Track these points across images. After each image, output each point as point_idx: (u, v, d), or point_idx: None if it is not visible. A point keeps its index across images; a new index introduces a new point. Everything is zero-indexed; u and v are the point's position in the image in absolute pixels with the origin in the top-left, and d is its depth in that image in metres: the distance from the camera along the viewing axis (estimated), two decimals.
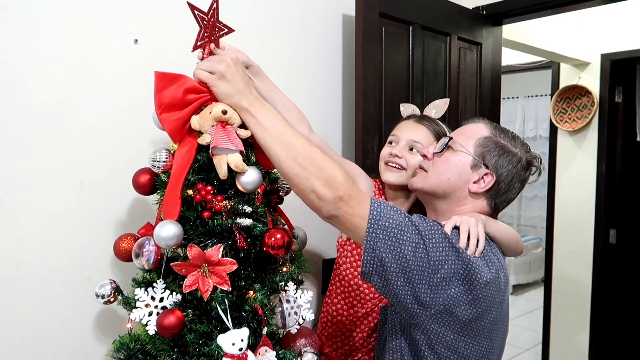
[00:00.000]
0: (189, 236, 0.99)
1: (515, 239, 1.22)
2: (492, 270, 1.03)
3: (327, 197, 0.95)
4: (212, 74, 1.01)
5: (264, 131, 0.99)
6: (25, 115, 1.23)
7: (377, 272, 0.98)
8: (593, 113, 3.48)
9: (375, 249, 0.97)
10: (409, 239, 0.97)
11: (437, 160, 1.20)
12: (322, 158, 0.97)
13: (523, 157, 1.18)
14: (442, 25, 2.11)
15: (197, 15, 1.03)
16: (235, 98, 1.01)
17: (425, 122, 1.48)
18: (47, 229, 1.28)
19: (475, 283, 1.00)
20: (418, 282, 0.98)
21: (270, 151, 0.99)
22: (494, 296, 1.04)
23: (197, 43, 1.06)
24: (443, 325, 1.02)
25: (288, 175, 0.98)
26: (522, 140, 1.21)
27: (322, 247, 1.85)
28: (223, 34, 1.08)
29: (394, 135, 1.48)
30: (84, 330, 1.36)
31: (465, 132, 1.21)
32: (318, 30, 1.86)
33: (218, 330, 0.97)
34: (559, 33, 3.33)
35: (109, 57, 1.35)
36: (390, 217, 0.98)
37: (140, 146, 1.38)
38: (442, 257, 0.99)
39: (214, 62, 1.01)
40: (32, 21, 1.23)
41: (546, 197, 3.86)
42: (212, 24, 1.05)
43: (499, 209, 1.22)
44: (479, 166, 1.15)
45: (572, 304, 3.62)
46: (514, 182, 1.17)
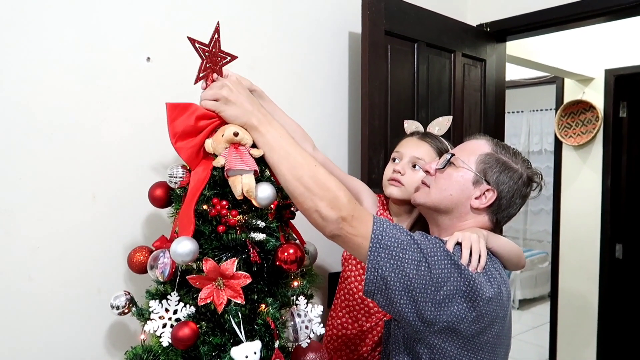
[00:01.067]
0: (204, 250, 1.02)
1: (517, 253, 1.23)
2: (494, 286, 1.05)
3: (330, 217, 0.97)
4: (217, 101, 1.05)
5: (271, 150, 1.02)
6: (40, 130, 1.27)
7: (380, 290, 0.99)
8: (598, 128, 3.50)
9: (377, 267, 0.98)
10: (411, 257, 0.98)
11: (440, 176, 1.22)
12: (326, 178, 0.99)
13: (524, 173, 1.19)
14: (446, 42, 2.15)
15: (199, 48, 1.07)
16: (244, 118, 1.04)
17: (428, 139, 1.50)
18: (60, 242, 1.31)
19: (478, 300, 1.01)
20: (421, 300, 0.99)
21: (277, 170, 1.02)
22: (496, 311, 1.05)
23: (200, 74, 1.09)
24: (446, 340, 1.03)
25: (293, 194, 1.00)
26: (523, 156, 1.23)
27: (327, 261, 1.87)
28: (226, 62, 1.12)
29: (397, 152, 1.50)
30: (95, 341, 1.37)
31: (467, 148, 1.23)
32: (325, 47, 1.90)
33: (231, 342, 0.99)
34: (563, 49, 3.36)
35: (122, 74, 1.39)
36: (393, 235, 1.00)
37: (152, 161, 1.41)
38: (445, 274, 1.00)
39: (216, 89, 1.05)
40: (48, 40, 1.27)
41: (552, 212, 3.86)
42: (214, 53, 1.09)
43: (500, 224, 1.23)
44: (480, 182, 1.17)
45: (579, 319, 3.60)
46: (515, 198, 1.19)
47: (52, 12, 1.27)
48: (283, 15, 1.77)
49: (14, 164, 1.24)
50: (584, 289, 3.58)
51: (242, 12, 1.64)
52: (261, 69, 1.69)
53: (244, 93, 1.06)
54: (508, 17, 2.35)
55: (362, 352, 1.48)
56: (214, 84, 1.07)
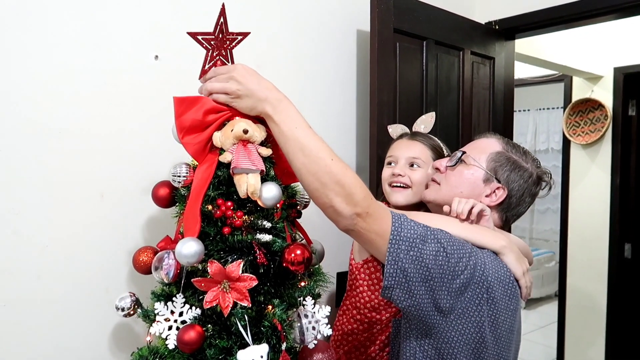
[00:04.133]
0: (209, 252, 1.00)
1: (525, 250, 1.23)
2: (502, 271, 1.06)
3: (344, 213, 0.95)
4: (227, 94, 1.02)
5: (286, 141, 0.99)
6: (48, 130, 1.26)
7: (400, 284, 0.98)
8: (606, 126, 3.46)
9: (397, 260, 0.97)
10: (429, 248, 0.99)
11: (450, 173, 1.22)
12: (343, 173, 0.96)
13: (534, 172, 1.20)
14: (455, 40, 2.13)
15: (202, 40, 1.02)
16: (259, 108, 1.01)
17: (418, 137, 1.49)
18: (68, 241, 1.30)
19: (489, 282, 1.02)
20: (438, 289, 0.99)
21: (292, 162, 0.99)
22: (507, 303, 1.05)
23: (205, 67, 1.04)
24: (462, 333, 1.02)
25: (308, 188, 0.99)
26: (533, 155, 1.24)
27: (336, 260, 1.85)
28: (237, 42, 1.06)
29: (392, 156, 1.48)
30: (102, 341, 1.37)
31: (478, 146, 1.24)
32: (333, 46, 1.88)
33: (238, 345, 0.97)
34: (572, 47, 3.33)
35: (130, 73, 1.38)
36: (411, 228, 1.00)
37: (160, 160, 1.40)
38: (462, 264, 1.00)
39: (222, 82, 1.01)
40: (55, 39, 1.26)
41: (559, 210, 3.83)
42: (222, 39, 1.04)
43: (509, 222, 1.24)
44: (491, 180, 1.18)
45: (587, 318, 3.58)
46: (524, 196, 1.20)
47: (60, 12, 1.26)
48: (291, 13, 1.75)
49: (22, 164, 1.23)
50: (592, 288, 3.55)
51: (249, 10, 1.63)
52: (268, 67, 1.67)
53: (252, 80, 1.01)
54: (517, 15, 2.32)
55: (370, 352, 1.47)
56: (219, 74, 1.02)
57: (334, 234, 1.71)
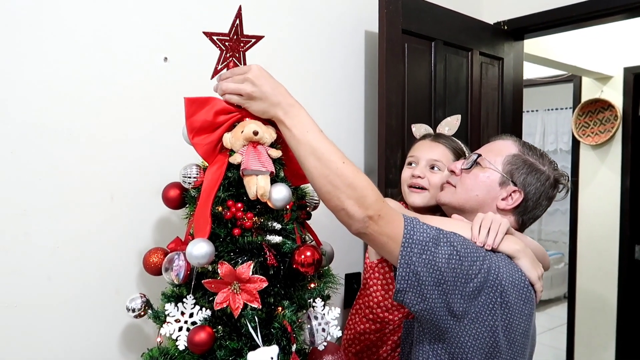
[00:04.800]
0: (220, 253, 1.00)
1: (542, 254, 1.22)
2: (517, 275, 1.04)
3: (356, 216, 0.95)
4: (241, 96, 1.02)
5: (297, 145, 0.99)
6: (58, 131, 1.27)
7: (412, 287, 0.98)
8: (616, 127, 3.44)
9: (410, 263, 0.97)
10: (442, 251, 0.98)
11: (466, 176, 1.21)
12: (354, 176, 0.96)
13: (551, 175, 1.19)
14: (463, 41, 2.12)
15: (217, 40, 1.02)
16: (271, 112, 1.01)
17: (441, 140, 1.48)
18: (79, 242, 1.31)
19: (503, 286, 1.01)
20: (451, 293, 0.98)
21: (303, 166, 1.00)
22: (521, 307, 1.04)
23: (218, 67, 1.04)
24: (475, 337, 1.01)
25: (320, 191, 0.99)
26: (550, 157, 1.22)
27: (345, 261, 1.85)
28: (250, 45, 1.06)
29: (413, 157, 1.48)
30: (112, 342, 1.37)
31: (494, 149, 1.22)
32: (341, 47, 1.88)
33: (248, 347, 0.97)
34: (581, 47, 3.31)
35: (139, 75, 1.38)
36: (424, 231, 0.99)
37: (169, 161, 1.40)
38: (476, 267, 1.00)
39: (238, 84, 1.01)
40: (65, 41, 1.27)
41: (567, 212, 3.81)
42: (237, 40, 1.05)
43: (525, 225, 1.23)
44: (507, 183, 1.17)
45: (597, 321, 3.55)
46: (541, 199, 1.19)
47: (70, 14, 1.27)
48: (299, 14, 1.75)
49: (32, 165, 1.24)
50: (602, 290, 3.52)
51: (257, 11, 1.63)
52: (276, 68, 1.66)
53: (267, 84, 1.01)
54: (526, 15, 2.31)
55: (382, 352, 1.47)
56: (235, 75, 1.02)
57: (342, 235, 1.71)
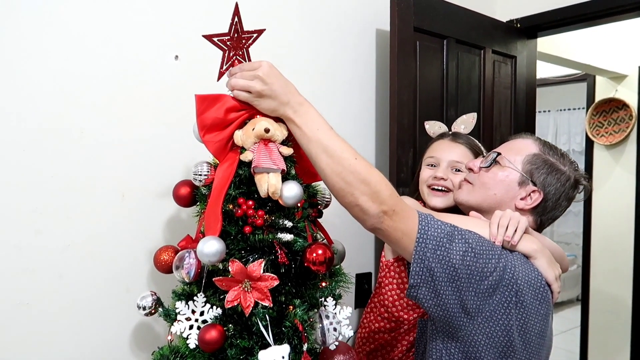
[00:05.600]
0: (230, 251, 1.00)
1: (561, 255, 1.20)
2: (533, 275, 1.03)
3: (370, 211, 0.94)
4: (250, 93, 1.00)
5: (308, 143, 0.98)
6: (69, 130, 1.27)
7: (426, 282, 0.97)
8: (631, 127, 3.39)
9: (424, 259, 0.96)
10: (457, 248, 0.97)
11: (484, 174, 1.19)
12: (367, 172, 0.96)
13: (571, 175, 1.17)
14: (476, 39, 2.10)
15: (218, 41, 1.01)
16: (280, 111, 1.00)
17: (460, 140, 1.46)
18: (90, 240, 1.31)
19: (518, 285, 0.99)
20: (465, 290, 0.97)
21: (315, 164, 0.99)
22: (537, 307, 1.03)
23: (223, 68, 1.03)
24: (489, 336, 1.00)
25: (332, 189, 0.98)
26: (570, 157, 1.20)
27: (355, 261, 1.84)
28: (253, 41, 1.05)
29: (433, 157, 1.46)
30: (123, 340, 1.37)
31: (514, 147, 1.20)
32: (352, 45, 1.87)
33: (259, 346, 0.97)
34: (595, 45, 3.26)
35: (151, 73, 1.38)
36: (439, 227, 0.99)
37: (180, 159, 1.40)
38: (492, 265, 0.98)
39: (247, 80, 1.00)
40: (77, 39, 1.27)
41: (581, 213, 3.76)
42: (238, 38, 1.03)
43: (544, 225, 1.21)
44: (526, 183, 1.15)
45: (611, 323, 3.49)
46: (561, 200, 1.17)
47: (81, 14, 1.27)
48: (310, 12, 1.74)
49: (44, 163, 1.24)
50: (616, 292, 3.47)
51: (267, 9, 1.62)
52: (286, 66, 1.65)
53: (277, 82, 1.00)
54: (539, 13, 2.28)
55: (396, 352, 1.45)
56: (244, 71, 1.00)
57: (354, 235, 1.71)
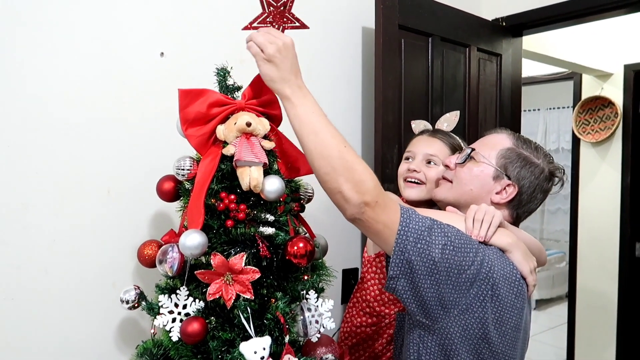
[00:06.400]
0: (213, 244, 1.01)
1: (538, 248, 1.21)
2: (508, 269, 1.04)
3: (353, 200, 0.95)
4: (262, 52, 1.00)
5: (300, 124, 0.99)
6: (55, 125, 1.27)
7: (405, 274, 0.98)
8: (617, 124, 3.42)
9: (404, 251, 0.97)
10: (437, 241, 0.98)
11: (460, 170, 1.21)
12: (354, 160, 0.97)
13: (545, 168, 1.18)
14: (461, 37, 2.12)
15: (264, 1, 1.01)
16: (278, 84, 1.00)
17: (439, 135, 1.49)
18: (76, 236, 1.31)
19: (494, 279, 1.01)
20: (444, 283, 0.98)
21: (304, 146, 0.99)
22: (513, 300, 1.04)
23: (253, 24, 1.01)
24: (464, 328, 1.01)
25: (318, 172, 0.98)
26: (545, 150, 1.22)
27: (342, 257, 1.86)
28: (292, 27, 1.05)
29: (410, 151, 1.49)
30: (109, 335, 1.38)
31: (488, 142, 1.22)
32: (338, 43, 1.88)
33: (241, 338, 0.98)
34: (581, 44, 3.30)
35: (136, 70, 1.39)
36: (420, 220, 1.00)
37: (165, 155, 1.40)
38: (469, 258, 1.00)
39: (266, 41, 0.99)
40: (62, 36, 1.27)
41: (569, 211, 3.79)
42: (281, 12, 1.03)
43: (520, 219, 1.23)
44: (501, 177, 1.17)
45: (598, 319, 3.54)
46: (536, 193, 1.18)
47: (67, 8, 1.28)
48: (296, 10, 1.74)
49: (30, 158, 1.24)
50: (603, 288, 3.51)
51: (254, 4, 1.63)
52: None
53: (289, 60, 1.00)
54: (524, 11, 2.30)
55: (377, 344, 1.48)
56: (270, 34, 1.00)
57: (341, 230, 1.73)
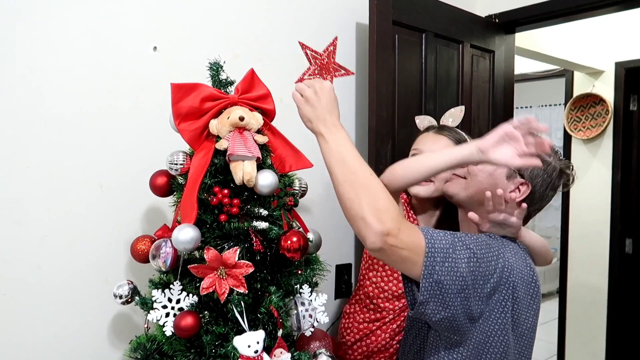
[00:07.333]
0: (206, 239, 1.01)
1: (545, 248, 1.23)
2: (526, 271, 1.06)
3: (374, 227, 0.92)
4: (301, 96, 1.06)
5: (330, 153, 1.01)
6: (47, 120, 1.27)
7: (435, 297, 0.96)
8: (608, 121, 3.45)
9: (432, 273, 0.95)
10: (461, 256, 0.98)
11: (473, 168, 1.20)
12: (379, 189, 0.96)
13: (557, 165, 1.18)
14: (454, 33, 2.12)
15: (310, 55, 1.08)
16: (314, 123, 1.04)
17: (445, 132, 1.48)
18: (68, 230, 1.31)
19: (514, 282, 1.02)
20: (472, 297, 0.98)
21: (332, 173, 1.00)
22: (529, 302, 1.06)
23: (304, 77, 1.09)
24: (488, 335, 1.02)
25: (342, 198, 0.97)
26: (555, 147, 1.20)
27: (336, 252, 1.86)
28: (340, 74, 1.11)
29: (417, 149, 1.48)
30: (103, 331, 1.38)
31: None
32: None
33: (234, 332, 0.98)
34: (573, 41, 3.32)
35: (129, 64, 1.38)
36: (443, 238, 0.99)
37: (158, 150, 1.40)
38: (492, 267, 1.00)
39: (305, 85, 1.06)
40: (55, 29, 1.27)
41: (560, 207, 3.82)
42: (328, 64, 1.09)
43: (531, 216, 1.22)
44: (514, 176, 1.16)
45: (588, 314, 3.57)
46: (547, 190, 1.18)
47: (60, 2, 1.27)
48: (290, 6, 1.75)
49: (22, 153, 1.24)
50: (593, 284, 3.54)
51: (248, 3, 1.63)
52: (266, 59, 1.68)
53: (325, 100, 1.04)
54: (517, 8, 2.31)
55: (380, 340, 1.48)
56: (311, 81, 1.08)
57: (334, 226, 1.73)
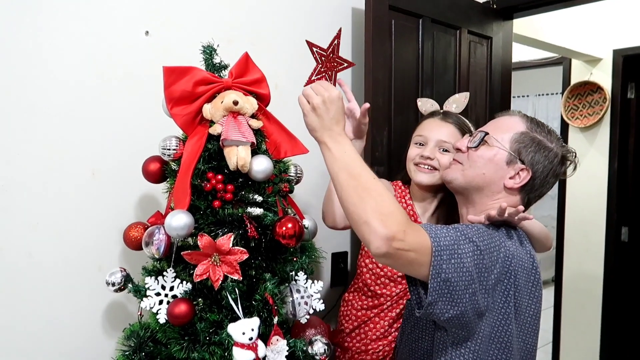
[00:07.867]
0: (200, 225, 1.00)
1: (545, 234, 1.23)
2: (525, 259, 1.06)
3: (379, 232, 0.90)
4: (308, 103, 1.04)
5: (334, 160, 0.99)
6: (38, 106, 1.24)
7: (443, 296, 0.95)
8: (605, 109, 3.44)
9: (440, 272, 0.94)
10: (466, 250, 0.97)
11: (472, 154, 1.18)
12: (383, 194, 0.94)
13: (559, 152, 1.16)
14: (452, 19, 2.10)
15: (316, 53, 1.06)
16: (319, 132, 1.02)
17: (450, 119, 1.47)
18: (60, 218, 1.29)
19: (515, 271, 1.01)
20: (478, 291, 0.97)
21: (335, 179, 0.99)
22: (530, 289, 1.05)
23: (312, 78, 1.08)
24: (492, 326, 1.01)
25: (346, 203, 0.96)
26: (557, 134, 1.19)
27: (331, 240, 1.85)
28: (342, 68, 1.10)
29: (422, 136, 1.46)
30: (95, 319, 1.37)
31: (501, 126, 1.19)
32: (327, 24, 1.85)
33: (228, 319, 0.97)
34: (571, 28, 3.30)
35: (121, 49, 1.36)
36: (447, 234, 0.97)
37: (151, 136, 1.38)
38: (494, 257, 0.99)
39: (313, 93, 1.03)
40: (45, 14, 1.24)
41: (557, 196, 3.82)
42: (332, 59, 1.08)
43: (531, 203, 1.21)
44: (514, 162, 1.14)
45: (583, 302, 3.59)
46: (549, 177, 1.16)
47: None
48: None
49: (12, 139, 1.21)
50: (589, 272, 3.55)
51: None
52: (261, 45, 1.65)
53: (333, 110, 1.03)
54: None
55: (379, 328, 1.48)
56: (319, 86, 1.04)
57: None
